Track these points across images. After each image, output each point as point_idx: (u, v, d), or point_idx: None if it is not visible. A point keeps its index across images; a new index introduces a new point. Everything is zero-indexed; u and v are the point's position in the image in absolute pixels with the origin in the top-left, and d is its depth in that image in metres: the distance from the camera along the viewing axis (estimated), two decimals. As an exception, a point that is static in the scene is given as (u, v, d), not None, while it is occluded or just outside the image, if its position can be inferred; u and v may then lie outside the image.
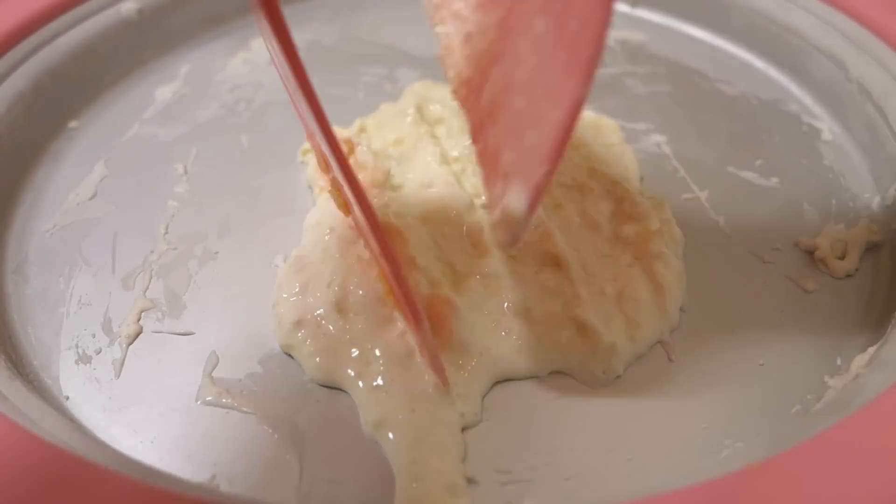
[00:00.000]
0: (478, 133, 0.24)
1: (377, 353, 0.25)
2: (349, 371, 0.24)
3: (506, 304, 0.26)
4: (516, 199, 0.18)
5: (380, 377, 0.24)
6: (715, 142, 0.35)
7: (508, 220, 0.19)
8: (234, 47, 0.41)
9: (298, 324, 0.26)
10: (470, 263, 0.27)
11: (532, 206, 0.18)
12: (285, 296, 0.27)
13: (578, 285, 0.26)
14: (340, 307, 0.25)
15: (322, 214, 0.29)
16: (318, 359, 0.25)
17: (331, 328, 0.25)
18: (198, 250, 0.30)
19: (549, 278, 0.26)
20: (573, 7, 0.18)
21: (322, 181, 0.31)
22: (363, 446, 0.23)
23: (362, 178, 0.30)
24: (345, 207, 0.26)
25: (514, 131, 0.20)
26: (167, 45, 0.40)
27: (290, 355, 0.26)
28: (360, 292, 0.26)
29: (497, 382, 0.25)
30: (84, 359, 0.26)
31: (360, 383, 0.24)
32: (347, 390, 0.25)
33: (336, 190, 0.26)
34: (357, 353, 0.25)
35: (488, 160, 0.22)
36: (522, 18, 0.21)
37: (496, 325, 0.26)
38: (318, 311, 0.26)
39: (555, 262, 0.26)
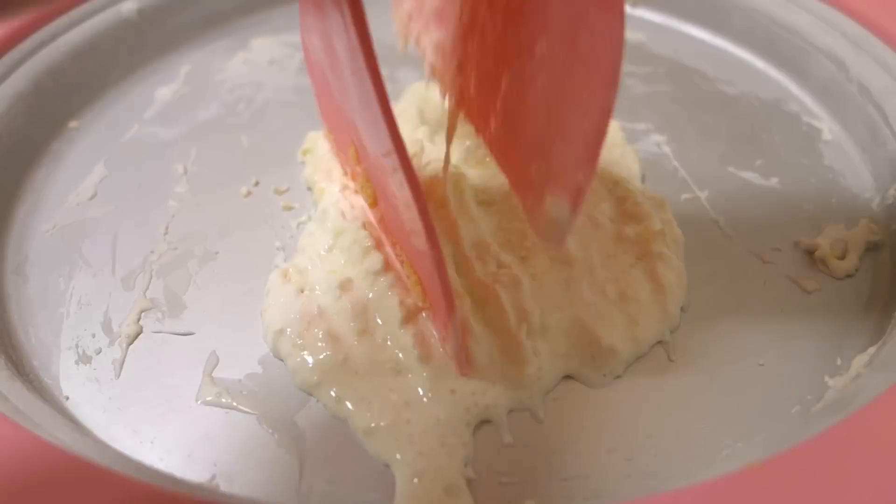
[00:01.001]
0: (494, 149, 0.24)
1: (362, 365, 0.24)
2: (331, 389, 0.24)
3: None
4: (556, 205, 0.19)
5: (366, 390, 0.24)
6: (715, 142, 0.35)
7: (552, 226, 0.20)
8: (234, 47, 0.41)
9: (280, 332, 0.25)
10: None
11: (575, 209, 0.19)
12: (270, 303, 0.26)
13: (582, 286, 0.26)
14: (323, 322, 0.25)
15: (319, 229, 0.29)
16: (300, 372, 0.25)
17: (315, 340, 0.25)
18: (198, 250, 0.30)
19: (553, 280, 0.26)
20: (581, 23, 0.18)
21: (322, 183, 0.31)
22: (363, 446, 0.23)
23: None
24: (372, 200, 0.26)
25: (539, 147, 0.20)
26: (167, 45, 0.40)
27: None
28: (347, 305, 0.25)
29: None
30: (84, 359, 0.26)
31: (344, 398, 0.24)
32: (327, 402, 0.24)
33: (365, 182, 0.26)
34: (342, 366, 0.24)
35: (513, 173, 0.22)
36: (520, 44, 0.21)
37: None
38: (302, 325, 0.25)
39: (563, 261, 0.26)
